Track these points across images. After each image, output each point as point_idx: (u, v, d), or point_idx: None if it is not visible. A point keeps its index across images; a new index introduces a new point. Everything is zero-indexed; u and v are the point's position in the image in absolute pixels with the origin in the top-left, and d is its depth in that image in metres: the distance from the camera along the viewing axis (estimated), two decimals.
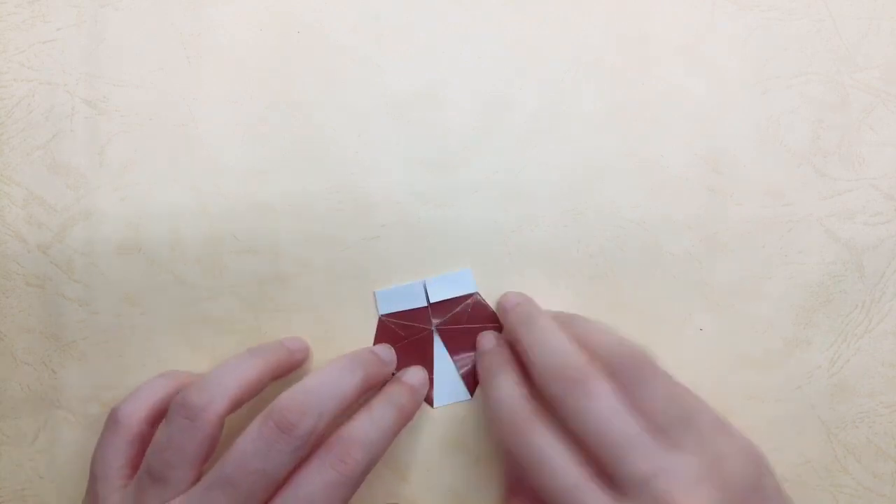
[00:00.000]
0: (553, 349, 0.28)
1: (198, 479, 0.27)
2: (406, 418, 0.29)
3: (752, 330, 0.32)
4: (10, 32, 0.32)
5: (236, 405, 0.28)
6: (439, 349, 0.31)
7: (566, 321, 0.29)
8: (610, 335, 0.28)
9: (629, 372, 0.27)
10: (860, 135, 0.32)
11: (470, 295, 0.31)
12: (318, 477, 0.26)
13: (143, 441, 0.29)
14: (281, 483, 0.26)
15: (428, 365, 0.31)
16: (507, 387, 0.29)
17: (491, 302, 0.32)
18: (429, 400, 0.31)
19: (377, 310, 0.32)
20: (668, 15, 0.32)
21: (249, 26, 0.32)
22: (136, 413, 0.29)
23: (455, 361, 0.31)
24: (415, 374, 0.31)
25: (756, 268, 0.32)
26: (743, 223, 0.32)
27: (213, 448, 0.27)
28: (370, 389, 0.29)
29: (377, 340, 0.31)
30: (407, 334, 0.31)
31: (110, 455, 0.28)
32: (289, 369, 0.30)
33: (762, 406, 0.32)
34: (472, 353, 0.31)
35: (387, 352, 0.31)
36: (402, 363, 0.31)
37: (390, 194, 0.32)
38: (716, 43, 0.32)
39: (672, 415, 0.26)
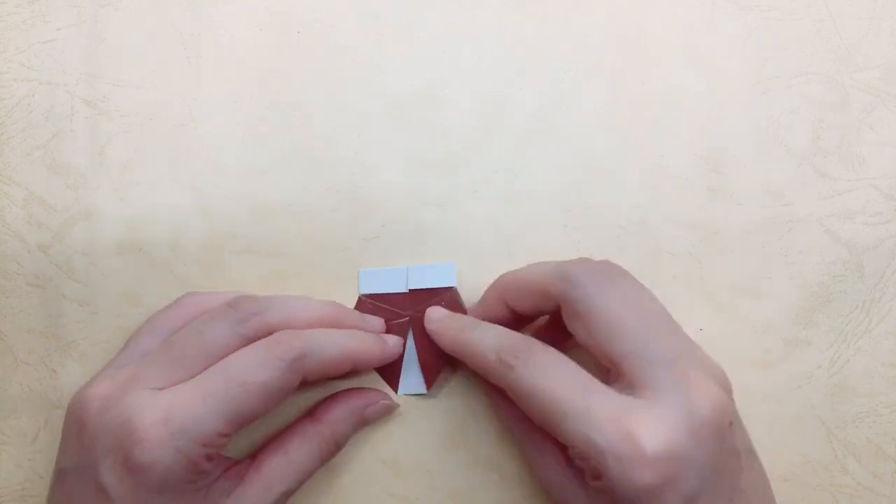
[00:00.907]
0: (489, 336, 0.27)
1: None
2: (359, 352, 0.28)
3: (752, 330, 0.32)
4: (10, 32, 0.32)
5: (277, 329, 0.27)
6: (409, 338, 0.31)
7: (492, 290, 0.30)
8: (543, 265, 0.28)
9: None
10: (860, 135, 0.32)
11: (448, 289, 0.31)
12: (250, 353, 0.26)
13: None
14: (219, 358, 0.26)
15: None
16: (489, 330, 0.28)
17: (467, 290, 0.32)
18: (394, 386, 0.31)
19: (358, 288, 0.32)
20: (668, 15, 0.32)
21: (249, 26, 0.32)
22: (202, 301, 0.29)
23: (418, 352, 0.31)
24: (391, 337, 0.30)
25: (756, 268, 0.32)
26: (743, 223, 0.32)
27: (230, 353, 0.27)
28: (337, 325, 0.29)
29: None
30: (383, 316, 0.31)
31: (151, 329, 0.29)
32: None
33: (762, 406, 0.32)
34: (433, 346, 0.31)
35: (375, 319, 0.31)
36: None
37: (390, 194, 0.32)
38: (716, 43, 0.32)
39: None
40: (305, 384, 0.28)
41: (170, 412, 0.24)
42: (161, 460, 0.24)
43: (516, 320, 0.29)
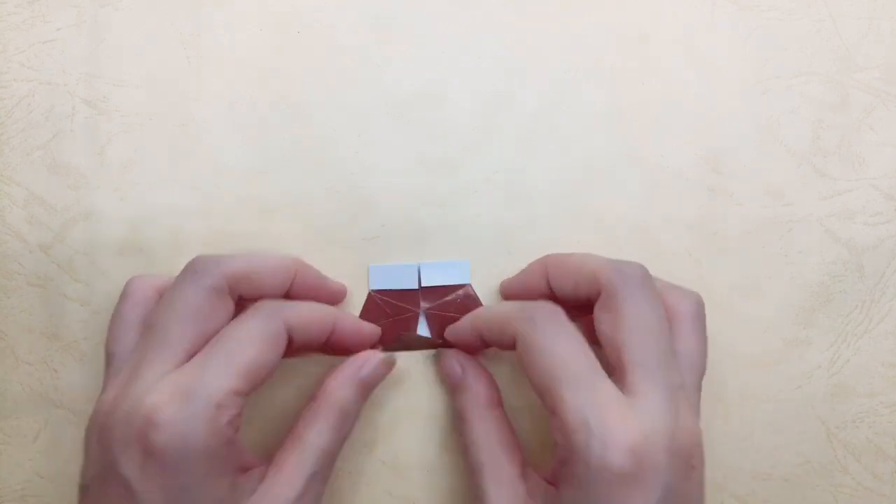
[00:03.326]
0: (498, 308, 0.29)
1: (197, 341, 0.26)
2: (335, 322, 0.29)
3: (752, 330, 0.32)
4: (10, 32, 0.32)
5: (243, 281, 0.27)
6: (422, 331, 0.31)
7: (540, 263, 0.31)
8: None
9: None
10: (860, 135, 0.32)
11: (462, 285, 0.32)
12: (243, 324, 0.26)
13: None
14: (208, 332, 0.26)
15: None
16: (508, 303, 0.30)
17: (479, 289, 0.32)
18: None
19: (368, 284, 0.32)
20: (668, 15, 0.32)
21: (249, 26, 0.32)
22: (149, 282, 0.29)
23: (435, 346, 0.31)
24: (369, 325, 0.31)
25: (756, 268, 0.32)
26: (743, 223, 0.32)
27: (214, 313, 0.27)
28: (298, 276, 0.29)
29: (363, 315, 0.31)
30: (393, 312, 0.31)
31: (119, 328, 0.28)
32: (316, 294, 0.30)
33: (762, 406, 0.32)
34: (451, 327, 0.31)
35: (338, 284, 0.31)
36: (386, 341, 0.31)
37: (390, 194, 0.32)
38: (716, 43, 0.32)
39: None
40: (295, 351, 0.28)
41: (177, 386, 0.24)
42: (179, 433, 0.23)
43: (545, 298, 0.30)
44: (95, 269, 0.32)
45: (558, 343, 0.25)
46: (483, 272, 0.32)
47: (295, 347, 0.27)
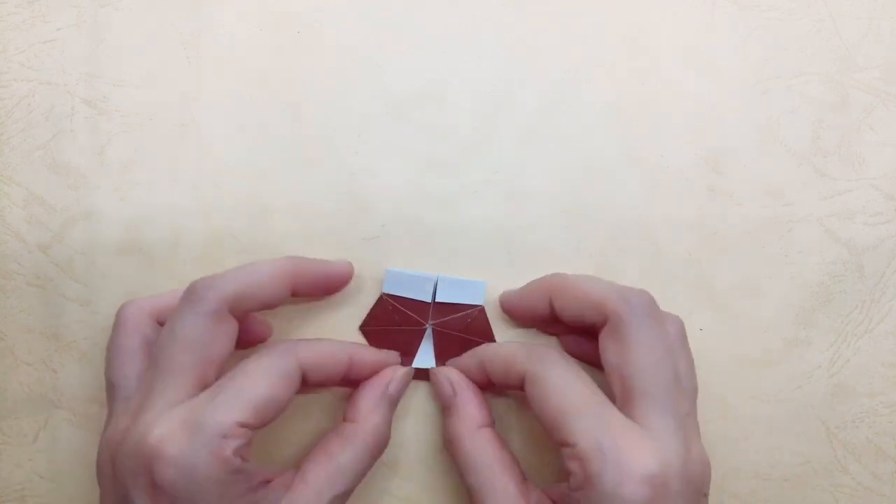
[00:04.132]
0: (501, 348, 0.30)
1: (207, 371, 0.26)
2: (350, 358, 0.29)
3: (752, 330, 0.32)
4: (10, 32, 0.32)
5: (243, 299, 0.27)
6: (426, 345, 0.31)
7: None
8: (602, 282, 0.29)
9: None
10: (860, 135, 0.32)
11: (475, 306, 0.31)
12: (256, 361, 0.26)
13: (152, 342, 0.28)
14: (213, 357, 0.26)
15: (410, 356, 0.31)
16: (513, 343, 0.30)
17: (491, 311, 0.32)
18: None
19: (382, 286, 0.31)
20: (668, 15, 0.32)
21: (249, 26, 0.32)
22: (141, 307, 0.28)
23: (437, 363, 0.31)
24: (388, 354, 0.31)
25: (756, 268, 0.32)
26: (743, 223, 0.32)
27: (216, 338, 0.26)
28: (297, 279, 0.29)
29: (372, 314, 0.31)
30: (401, 320, 0.31)
31: (118, 357, 0.28)
32: (322, 284, 0.30)
33: (762, 406, 0.32)
34: (455, 360, 0.31)
35: (342, 265, 0.31)
36: (387, 347, 0.31)
37: (390, 194, 0.32)
38: (716, 43, 0.32)
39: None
40: (312, 387, 0.28)
41: (183, 419, 0.24)
42: (185, 466, 0.24)
43: (545, 322, 0.30)
44: (95, 269, 0.32)
45: (568, 379, 0.26)
46: (483, 272, 0.32)
47: (311, 384, 0.28)
